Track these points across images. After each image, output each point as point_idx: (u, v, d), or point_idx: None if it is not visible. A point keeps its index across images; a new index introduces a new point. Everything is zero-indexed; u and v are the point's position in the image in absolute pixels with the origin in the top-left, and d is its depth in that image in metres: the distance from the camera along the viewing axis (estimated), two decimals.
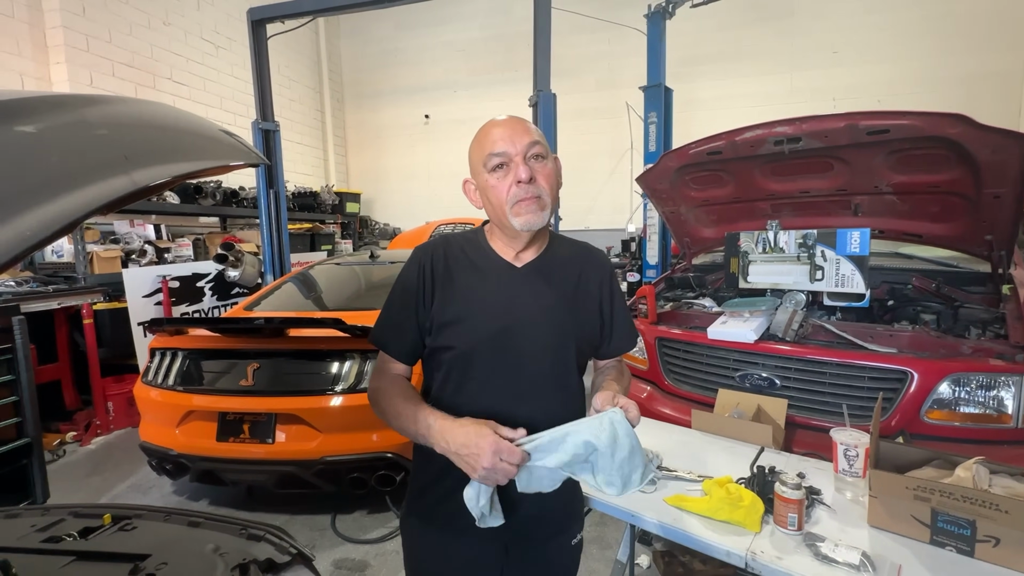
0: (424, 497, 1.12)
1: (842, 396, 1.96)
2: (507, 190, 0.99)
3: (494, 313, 1.03)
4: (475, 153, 1.04)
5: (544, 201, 1.00)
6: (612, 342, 1.15)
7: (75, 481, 3.23)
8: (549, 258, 1.10)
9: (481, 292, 1.05)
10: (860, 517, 1.21)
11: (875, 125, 2.03)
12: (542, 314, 1.04)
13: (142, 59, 5.37)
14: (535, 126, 1.05)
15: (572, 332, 1.07)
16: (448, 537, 1.09)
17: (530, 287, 1.06)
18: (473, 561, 1.09)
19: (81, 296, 3.78)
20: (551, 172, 1.03)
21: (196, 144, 0.72)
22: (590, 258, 1.14)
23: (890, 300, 2.50)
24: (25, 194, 0.44)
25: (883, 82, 6.46)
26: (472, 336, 1.02)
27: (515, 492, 0.99)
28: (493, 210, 1.04)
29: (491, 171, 1.00)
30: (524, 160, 0.99)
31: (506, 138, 0.99)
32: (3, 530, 1.12)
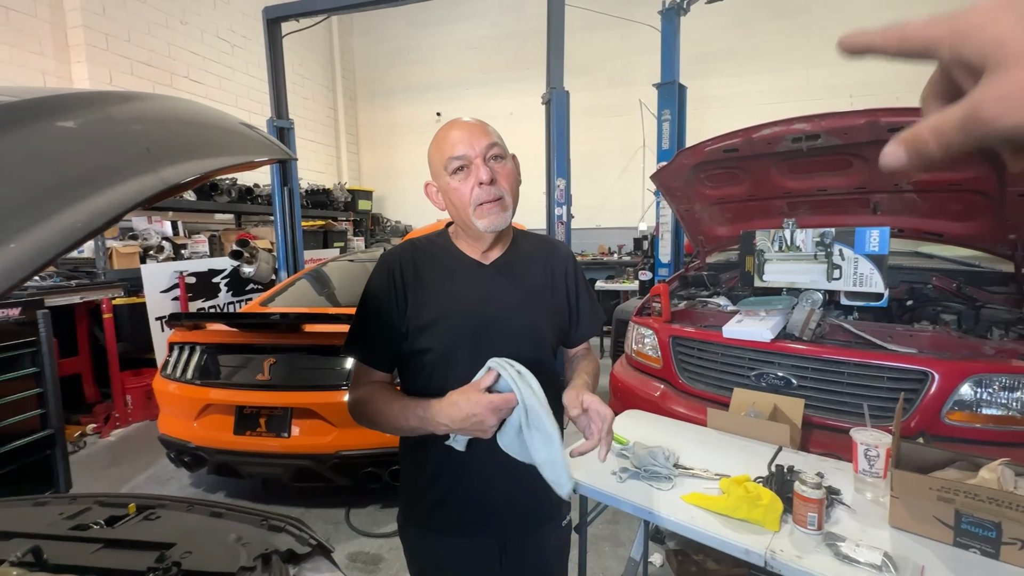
0: (418, 505, 1.14)
1: (860, 396, 1.93)
2: (469, 192, 1.00)
3: (468, 312, 1.05)
4: (435, 156, 1.05)
5: (506, 202, 1.02)
6: (579, 329, 1.19)
7: (96, 472, 3.30)
8: (515, 254, 1.12)
9: (453, 292, 1.06)
10: (881, 518, 1.20)
11: (897, 122, 2.00)
12: (515, 309, 1.07)
13: (160, 58, 5.45)
14: (492, 127, 1.06)
15: (545, 323, 1.11)
16: (448, 540, 1.12)
17: (500, 283, 1.08)
18: (474, 559, 1.12)
19: (102, 291, 3.85)
20: (511, 172, 1.05)
21: (229, 140, 0.73)
22: (553, 250, 1.18)
23: (909, 300, 2.47)
24: (72, 187, 0.46)
25: (902, 79, 6.32)
26: (449, 336, 1.04)
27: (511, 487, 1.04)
28: (457, 212, 1.05)
29: (452, 174, 1.02)
30: (484, 161, 1.00)
31: (465, 140, 1.00)
32: (33, 517, 1.15)
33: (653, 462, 1.41)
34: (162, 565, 0.94)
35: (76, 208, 0.42)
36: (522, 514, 1.12)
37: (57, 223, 0.40)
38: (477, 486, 1.08)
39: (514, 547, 1.14)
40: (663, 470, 1.39)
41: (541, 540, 1.17)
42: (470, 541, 1.11)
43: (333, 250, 6.74)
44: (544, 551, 1.18)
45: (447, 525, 1.11)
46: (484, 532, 1.11)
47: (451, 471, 1.08)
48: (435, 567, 1.15)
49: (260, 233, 5.98)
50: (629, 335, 2.82)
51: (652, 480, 1.38)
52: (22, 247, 0.38)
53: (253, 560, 0.95)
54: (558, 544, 1.22)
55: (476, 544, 1.12)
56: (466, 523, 1.10)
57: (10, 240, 0.38)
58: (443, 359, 1.05)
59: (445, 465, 1.08)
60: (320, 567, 1.05)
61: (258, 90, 6.47)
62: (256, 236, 5.54)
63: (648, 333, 2.64)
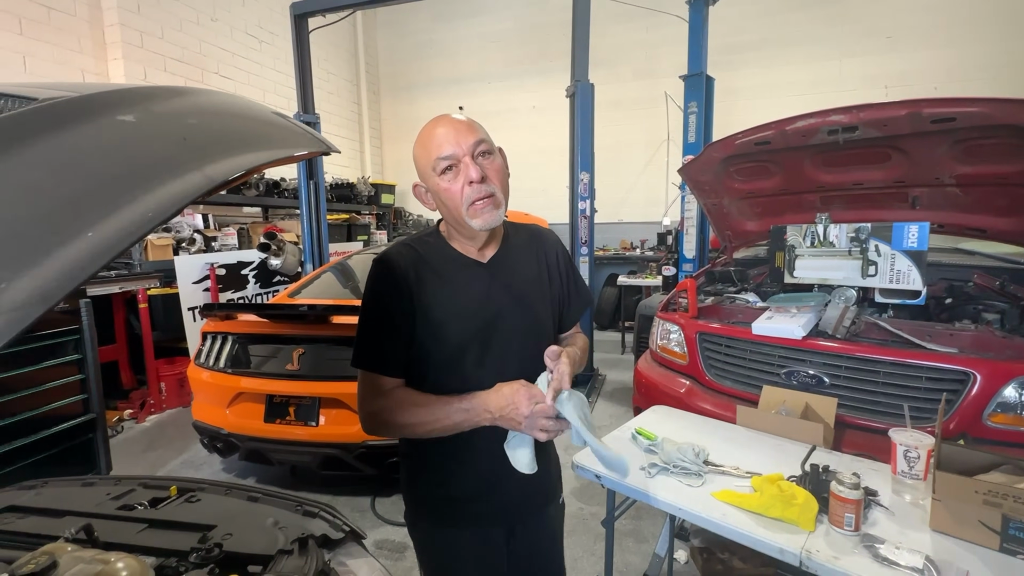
0: (428, 502, 1.15)
1: (896, 396, 1.88)
2: (460, 191, 0.99)
3: (473, 313, 1.04)
4: (421, 157, 1.03)
5: (498, 198, 1.01)
6: (569, 310, 1.21)
7: (133, 456, 3.43)
8: (509, 248, 1.12)
9: (455, 294, 1.05)
10: (920, 520, 1.16)
11: (941, 113, 1.92)
12: (516, 304, 1.07)
13: (191, 54, 5.57)
14: (476, 121, 1.04)
15: (545, 313, 1.12)
16: (457, 532, 1.13)
17: (500, 280, 1.08)
18: (484, 546, 1.15)
19: (139, 281, 3.99)
20: (500, 167, 1.03)
21: (274, 133, 0.75)
22: (543, 239, 1.19)
23: (948, 298, 2.38)
24: (139, 179, 0.47)
25: (941, 68, 6.10)
26: (455, 338, 1.03)
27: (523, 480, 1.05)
28: (449, 212, 1.03)
29: (441, 174, 1.00)
30: (473, 159, 0.99)
31: (451, 139, 0.98)
32: (82, 497, 1.21)
33: (683, 458, 1.40)
34: (205, 546, 0.97)
35: (145, 199, 0.44)
36: (530, 501, 1.16)
37: (130, 213, 0.42)
38: (484, 478, 1.09)
39: (521, 531, 1.19)
40: (693, 467, 1.38)
41: (544, 522, 1.22)
42: (481, 532, 1.14)
43: (357, 243, 6.83)
44: (545, 530, 1.23)
45: (458, 518, 1.13)
46: (494, 521, 1.14)
47: (458, 465, 1.09)
48: (448, 559, 1.17)
49: (287, 226, 6.10)
50: (654, 331, 2.79)
51: (682, 476, 1.37)
52: (98, 236, 0.39)
53: (291, 544, 0.98)
54: (555, 524, 1.27)
55: (486, 533, 1.15)
56: (477, 516, 1.12)
57: (88, 230, 0.39)
58: (450, 360, 1.04)
59: (452, 460, 1.09)
60: (353, 552, 1.08)
61: (285, 85, 6.57)
62: (283, 229, 5.65)
63: (674, 329, 2.61)
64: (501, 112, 7.91)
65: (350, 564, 1.04)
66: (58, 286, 0.35)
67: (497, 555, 1.17)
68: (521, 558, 1.20)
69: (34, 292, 0.34)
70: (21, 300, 0.33)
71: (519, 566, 1.20)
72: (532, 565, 1.23)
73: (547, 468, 1.06)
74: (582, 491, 2.83)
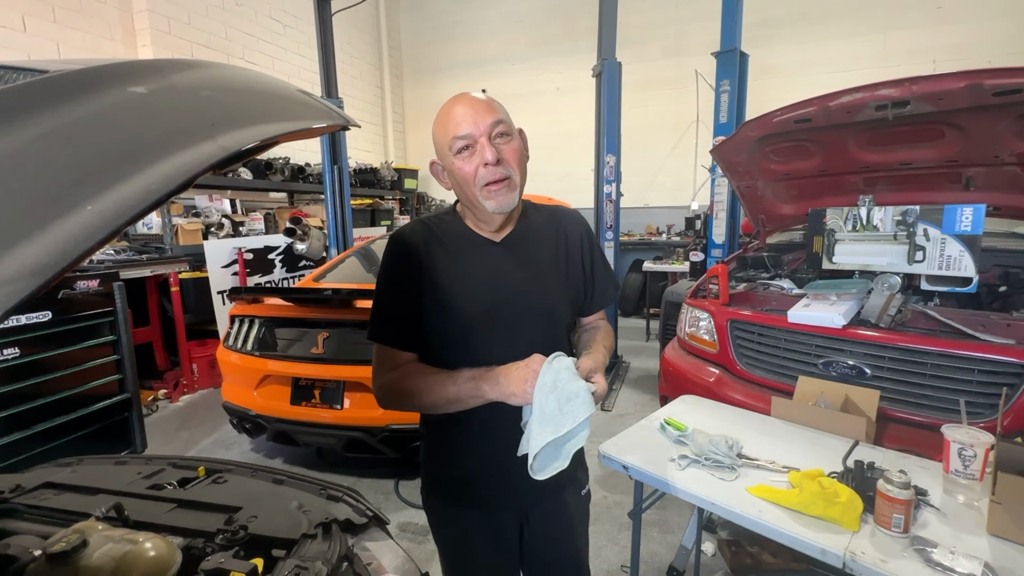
0: (441, 479, 1.16)
1: (945, 390, 1.77)
2: (475, 172, 0.98)
3: (482, 290, 1.04)
4: (439, 135, 1.02)
5: (514, 181, 1.00)
6: (593, 297, 1.17)
7: (167, 434, 3.55)
8: (526, 228, 1.10)
9: (465, 272, 1.04)
10: (976, 523, 1.09)
11: (1005, 84, 1.77)
12: (528, 283, 1.06)
13: (217, 40, 5.62)
14: (497, 101, 1.02)
15: (560, 295, 1.09)
16: (470, 513, 1.15)
17: (513, 259, 1.06)
18: (496, 531, 1.15)
19: (170, 265, 4.08)
20: (517, 148, 1.01)
21: (288, 107, 0.71)
22: (565, 219, 1.15)
23: (1002, 286, 2.23)
24: (146, 151, 0.44)
25: (996, 40, 5.68)
26: (464, 315, 1.03)
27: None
28: (463, 192, 1.03)
29: (456, 153, 0.99)
30: (489, 140, 0.97)
31: (469, 119, 0.97)
32: (114, 475, 1.23)
33: (715, 451, 1.34)
34: (230, 528, 0.97)
35: (149, 172, 0.41)
36: (540, 487, 1.11)
37: (132, 187, 0.39)
38: (496, 463, 1.09)
39: (535, 518, 1.17)
40: (726, 460, 1.32)
41: (560, 509, 1.18)
42: (491, 514, 1.14)
43: (380, 228, 6.86)
44: (563, 519, 1.20)
45: (469, 499, 1.14)
46: (504, 505, 1.14)
47: (472, 450, 1.10)
48: (458, 537, 1.19)
49: (311, 211, 6.16)
50: (682, 318, 2.71)
51: (714, 469, 1.31)
52: (99, 209, 0.36)
53: (314, 528, 0.97)
54: (578, 513, 1.23)
55: (497, 517, 1.15)
56: (487, 497, 1.13)
57: (88, 203, 0.36)
58: (457, 338, 1.04)
59: (467, 444, 1.10)
60: (376, 537, 1.07)
61: (309, 70, 6.58)
62: (308, 214, 5.70)
63: (704, 316, 2.52)
64: (525, 95, 7.76)
65: (373, 549, 1.03)
66: (52, 261, 0.32)
67: (508, 539, 1.17)
68: (537, 544, 1.19)
69: (25, 266, 0.31)
70: (11, 274, 0.30)
71: (534, 552, 1.20)
72: (548, 553, 1.21)
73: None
74: (606, 479, 2.80)
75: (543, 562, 1.22)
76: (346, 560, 0.92)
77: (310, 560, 0.88)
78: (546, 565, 1.22)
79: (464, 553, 1.19)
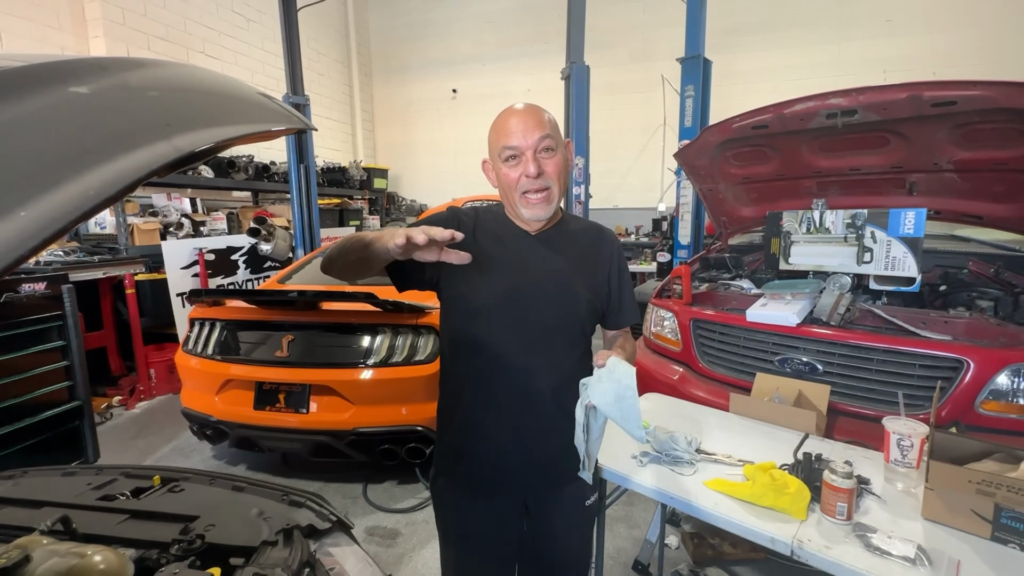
0: (447, 458, 1.23)
1: (889, 384, 1.88)
2: (517, 180, 1.10)
3: (507, 272, 1.14)
4: (492, 141, 1.14)
5: (553, 192, 1.12)
6: (621, 314, 1.26)
7: (122, 443, 3.40)
8: (560, 230, 1.21)
9: (496, 253, 1.15)
10: (913, 509, 1.16)
11: (941, 96, 1.89)
12: (550, 275, 1.16)
13: (176, 32, 5.41)
14: (549, 116, 1.13)
15: (580, 291, 1.17)
16: (472, 495, 1.21)
17: (541, 252, 1.17)
18: (497, 516, 1.21)
19: (124, 266, 3.91)
20: (560, 162, 1.12)
21: (246, 109, 0.70)
22: (600, 234, 1.26)
23: (942, 285, 2.37)
24: (85, 154, 0.43)
25: (940, 52, 6.03)
26: (488, 291, 1.13)
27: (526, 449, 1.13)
28: (505, 194, 1.15)
29: (504, 161, 1.11)
30: (535, 155, 1.08)
31: (519, 132, 1.08)
32: (62, 487, 1.18)
33: (675, 447, 1.38)
34: (186, 537, 0.94)
35: (88, 176, 0.40)
36: (538, 476, 1.19)
37: (69, 191, 0.38)
38: (494, 445, 1.16)
39: (534, 510, 1.21)
40: (685, 455, 1.37)
41: (562, 510, 1.22)
42: (491, 501, 1.20)
43: (349, 228, 6.75)
44: (560, 513, 1.23)
45: (470, 480, 1.20)
46: (503, 491, 1.19)
47: (473, 429, 1.18)
48: (459, 521, 1.24)
49: (277, 211, 6.00)
50: (648, 317, 2.77)
51: (674, 465, 1.36)
52: (33, 215, 0.35)
53: (275, 534, 0.96)
54: (578, 522, 1.27)
55: (497, 504, 1.20)
56: (486, 480, 1.19)
57: (20, 207, 0.35)
58: (477, 312, 1.14)
59: (467, 423, 1.18)
60: (340, 542, 1.06)
61: (273, 65, 6.41)
62: (273, 214, 5.56)
63: (668, 315, 2.59)
64: (495, 95, 7.78)
65: (336, 554, 1.02)
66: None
67: (505, 526, 1.21)
68: (535, 536, 1.23)
69: None
70: None
71: (532, 544, 1.24)
72: (545, 546, 1.24)
73: (562, 447, 1.09)
74: None
75: (540, 560, 1.26)
76: (308, 566, 0.91)
77: (270, 567, 0.87)
78: (542, 563, 1.26)
79: (461, 536, 1.24)
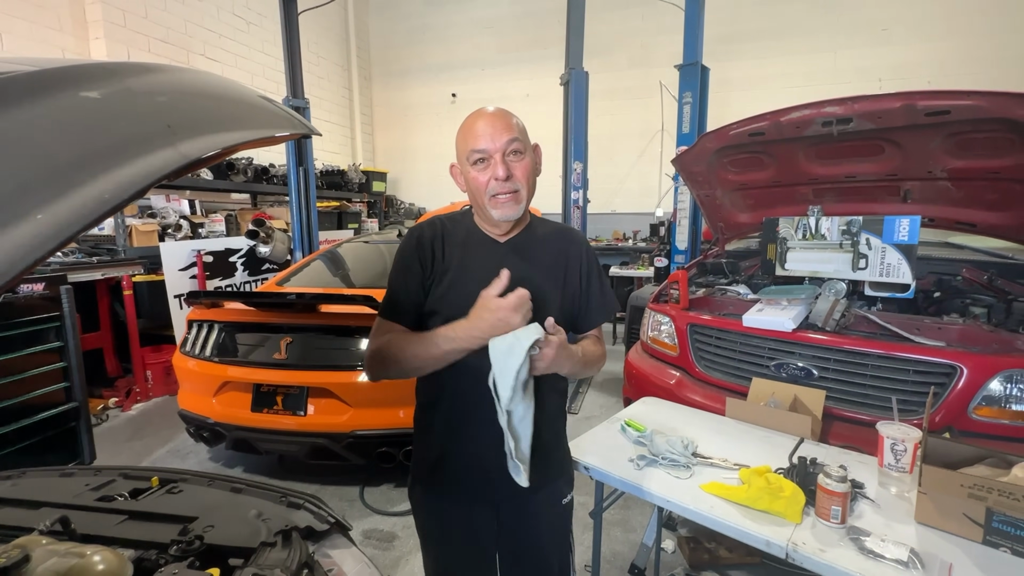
0: (424, 464, 1.23)
1: (884, 389, 1.89)
2: (486, 183, 1.09)
3: (481, 282, 1.10)
4: (460, 144, 1.13)
5: (521, 195, 1.11)
6: (588, 315, 1.24)
7: (118, 444, 3.39)
8: (529, 236, 1.20)
9: (469, 264, 1.15)
10: (906, 513, 1.17)
11: (935, 106, 1.92)
12: (525, 282, 1.12)
13: (176, 35, 5.43)
14: (517, 119, 1.13)
15: (553, 300, 1.16)
16: (447, 501, 1.21)
17: (513, 259, 1.15)
18: (476, 519, 1.20)
19: (122, 268, 3.91)
20: (528, 165, 1.12)
21: (250, 114, 0.71)
22: (568, 237, 1.25)
23: (936, 292, 2.39)
24: (97, 159, 0.44)
25: (935, 61, 6.10)
26: (461, 303, 1.10)
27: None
28: (474, 198, 1.14)
29: (473, 164, 1.10)
30: (503, 158, 1.08)
31: (487, 135, 1.08)
32: (60, 488, 1.18)
33: (671, 450, 1.39)
34: (185, 538, 0.95)
35: (103, 180, 0.41)
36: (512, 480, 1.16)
37: (84, 194, 0.39)
38: (471, 449, 1.15)
39: (508, 514, 1.20)
40: (681, 458, 1.38)
41: (537, 510, 1.22)
42: (469, 506, 1.19)
43: (347, 231, 6.75)
44: (540, 521, 1.23)
45: (446, 485, 1.19)
46: (482, 496, 1.19)
47: (449, 433, 1.17)
48: (438, 526, 1.24)
49: (276, 213, 6.01)
50: (645, 322, 2.79)
51: (670, 468, 1.37)
52: (50, 218, 0.36)
53: (273, 536, 0.96)
54: (554, 519, 1.27)
55: (474, 510, 1.20)
56: (462, 484, 1.18)
57: (37, 211, 0.36)
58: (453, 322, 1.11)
59: (445, 427, 1.17)
60: (338, 544, 1.06)
61: (274, 68, 6.43)
62: (272, 216, 5.56)
63: (665, 320, 2.60)
64: (494, 99, 7.75)
65: (334, 556, 1.03)
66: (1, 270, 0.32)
67: (481, 528, 1.21)
68: (510, 539, 1.23)
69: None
70: None
71: (507, 547, 1.24)
72: (519, 549, 1.24)
73: (544, 452, 1.09)
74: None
75: (517, 558, 1.25)
76: (306, 567, 0.91)
77: (268, 568, 0.87)
78: (519, 562, 1.25)
79: (441, 542, 1.24)
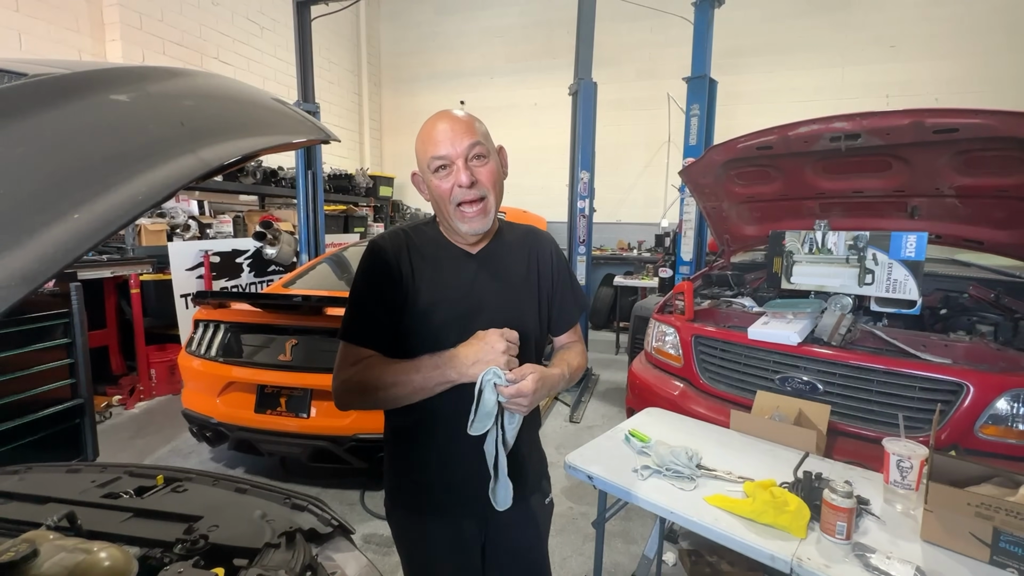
0: (405, 489, 1.18)
1: (889, 405, 1.88)
2: (450, 191, 1.02)
3: (456, 298, 1.08)
4: (419, 151, 1.06)
5: (489, 203, 1.04)
6: (561, 316, 1.21)
7: (121, 442, 3.40)
8: (500, 244, 1.15)
9: (442, 280, 1.09)
10: (911, 531, 1.16)
11: (943, 123, 1.92)
12: (499, 295, 1.10)
13: (191, 38, 5.51)
14: (479, 122, 1.05)
15: (530, 310, 1.14)
16: (433, 522, 1.16)
17: (486, 273, 1.11)
18: (458, 539, 1.16)
19: (131, 266, 3.94)
20: (493, 169, 1.05)
21: (271, 119, 0.73)
22: (536, 240, 1.20)
23: (943, 309, 2.39)
24: (130, 160, 0.45)
25: (942, 79, 6.12)
26: (437, 320, 1.07)
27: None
28: (439, 208, 1.07)
29: (434, 172, 1.03)
30: (466, 163, 1.01)
31: (447, 140, 1.01)
32: (66, 484, 1.18)
33: (675, 461, 1.39)
34: (190, 537, 0.95)
35: (137, 181, 0.42)
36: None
37: (119, 195, 0.40)
38: (458, 472, 1.11)
39: (495, 526, 1.18)
40: (686, 470, 1.37)
41: (520, 516, 1.19)
42: (454, 522, 1.16)
43: (353, 235, 6.78)
44: (520, 525, 1.21)
45: (432, 507, 1.15)
46: (466, 513, 1.16)
47: (435, 459, 1.13)
48: (422, 547, 1.20)
49: (283, 216, 6.05)
50: (650, 332, 2.79)
51: (674, 480, 1.36)
52: (86, 217, 0.37)
53: (277, 537, 0.96)
54: (538, 521, 1.25)
55: (460, 525, 1.16)
56: (449, 505, 1.15)
57: (75, 211, 0.38)
58: (428, 343, 1.06)
59: (429, 453, 1.13)
60: (341, 547, 1.07)
61: (285, 73, 6.50)
62: (279, 218, 5.60)
63: (670, 331, 2.60)
64: (502, 108, 7.87)
65: (337, 559, 1.03)
66: (41, 268, 0.33)
67: (471, 547, 1.18)
68: (498, 552, 1.20)
69: (15, 273, 0.32)
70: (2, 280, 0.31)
71: (496, 560, 1.21)
72: (509, 560, 1.22)
73: (521, 462, 1.07)
74: (572, 490, 2.83)
75: (505, 570, 1.23)
76: (309, 569, 0.91)
77: (273, 569, 0.87)
78: (510, 567, 1.23)
79: (427, 562, 1.20)
